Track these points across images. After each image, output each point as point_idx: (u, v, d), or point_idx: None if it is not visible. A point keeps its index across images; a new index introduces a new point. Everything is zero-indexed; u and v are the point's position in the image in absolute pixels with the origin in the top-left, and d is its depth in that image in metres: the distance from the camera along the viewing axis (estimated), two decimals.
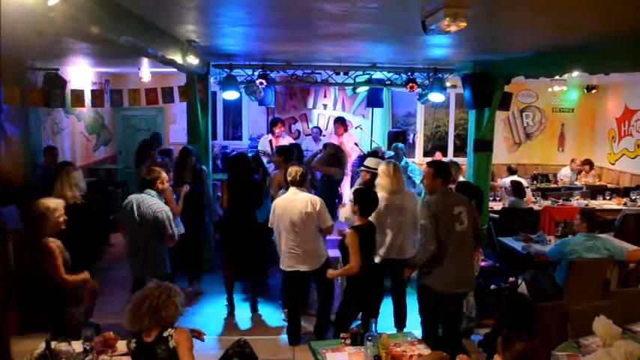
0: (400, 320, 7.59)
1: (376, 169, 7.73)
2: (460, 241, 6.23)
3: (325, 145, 10.21)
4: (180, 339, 4.29)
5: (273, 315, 8.52)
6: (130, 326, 4.39)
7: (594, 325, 4.84)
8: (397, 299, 7.63)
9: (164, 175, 7.16)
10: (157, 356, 4.28)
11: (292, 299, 7.53)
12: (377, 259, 7.14)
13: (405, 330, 7.32)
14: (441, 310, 6.40)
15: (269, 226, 7.41)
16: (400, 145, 11.32)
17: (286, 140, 12.36)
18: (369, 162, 8.03)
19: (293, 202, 7.08)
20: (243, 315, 8.54)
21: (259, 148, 12.59)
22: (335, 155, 9.69)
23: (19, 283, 5.64)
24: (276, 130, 12.33)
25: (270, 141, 12.22)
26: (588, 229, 7.46)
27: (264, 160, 11.90)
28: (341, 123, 12.77)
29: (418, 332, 6.39)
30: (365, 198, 6.54)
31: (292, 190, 7.19)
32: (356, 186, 8.23)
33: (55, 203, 5.94)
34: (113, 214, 11.31)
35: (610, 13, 5.39)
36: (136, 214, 6.87)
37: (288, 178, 7.21)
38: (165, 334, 4.30)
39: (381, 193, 7.21)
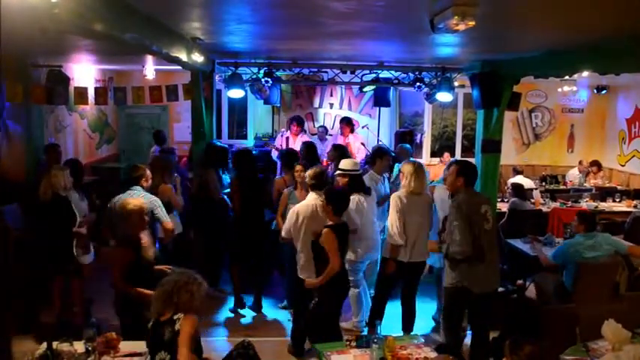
0: (408, 324, 7.55)
1: (352, 170, 7.64)
2: (490, 241, 6.30)
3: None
4: (184, 323, 4.42)
5: (277, 315, 8.53)
6: (153, 311, 4.60)
7: (603, 329, 4.83)
8: (408, 303, 7.58)
9: (148, 172, 7.37)
10: (163, 336, 4.45)
11: (299, 303, 7.43)
12: (405, 260, 7.23)
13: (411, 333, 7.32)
14: (472, 312, 6.51)
15: (283, 235, 7.20)
16: (406, 145, 10.89)
17: (304, 139, 12.29)
18: (344, 164, 7.77)
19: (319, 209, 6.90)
20: (247, 315, 8.55)
21: (275, 143, 12.62)
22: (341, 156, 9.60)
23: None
24: (294, 128, 12.35)
25: (287, 138, 12.22)
26: (586, 231, 7.47)
27: (274, 154, 11.97)
28: (347, 123, 12.72)
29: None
30: (337, 198, 6.50)
31: (313, 194, 7.10)
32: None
33: (140, 202, 6.10)
34: None
35: (621, 12, 5.38)
36: None
37: (308, 182, 7.17)
38: (175, 317, 4.45)
39: (402, 192, 7.22)
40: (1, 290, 3.46)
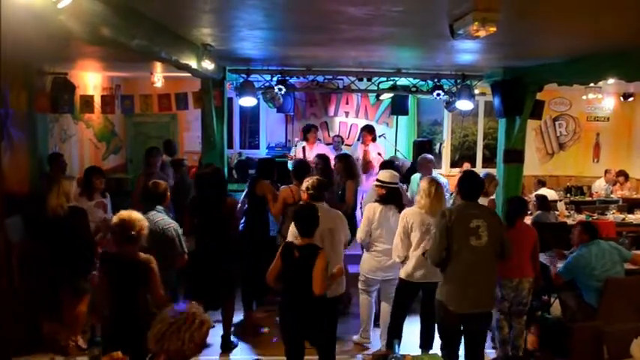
0: (427, 341, 7.51)
1: (391, 183, 7.64)
2: (476, 258, 6.06)
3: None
4: None
5: None
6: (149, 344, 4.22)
7: (632, 348, 4.80)
8: (427, 319, 7.51)
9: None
10: None
11: None
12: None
13: (430, 351, 7.29)
14: (459, 330, 6.29)
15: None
16: (428, 156, 10.83)
17: (320, 148, 12.18)
18: (383, 176, 7.78)
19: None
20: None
21: (291, 154, 12.56)
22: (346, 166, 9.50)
23: None
24: (310, 137, 12.27)
25: (304, 148, 12.15)
26: (591, 239, 7.52)
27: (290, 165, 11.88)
28: (369, 131, 12.37)
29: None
30: (304, 218, 6.02)
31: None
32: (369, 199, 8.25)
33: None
34: None
35: None
36: None
37: (309, 191, 7.04)
38: None
39: (420, 211, 7.14)
40: (3, 304, 3.47)
